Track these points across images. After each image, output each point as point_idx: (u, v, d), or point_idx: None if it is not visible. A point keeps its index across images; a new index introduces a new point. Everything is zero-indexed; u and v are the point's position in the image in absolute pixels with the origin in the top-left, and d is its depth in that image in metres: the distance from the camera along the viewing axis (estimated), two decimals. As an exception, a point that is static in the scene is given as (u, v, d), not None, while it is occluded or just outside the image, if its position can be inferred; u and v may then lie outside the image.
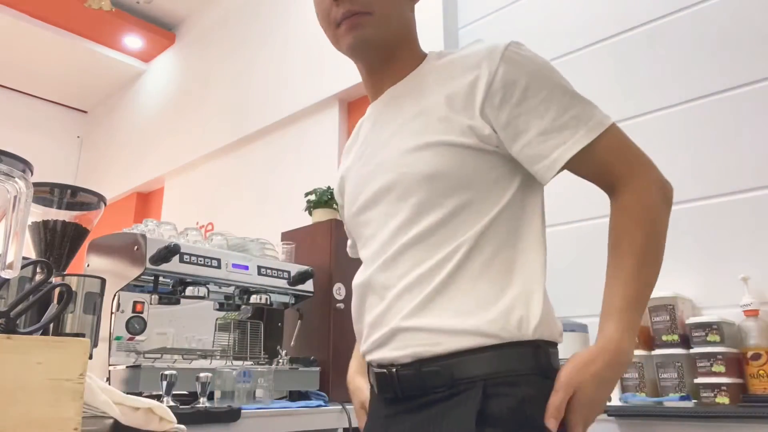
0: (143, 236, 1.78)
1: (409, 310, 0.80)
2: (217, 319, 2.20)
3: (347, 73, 3.29)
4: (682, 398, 1.57)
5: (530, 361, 0.77)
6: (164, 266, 1.78)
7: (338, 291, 2.36)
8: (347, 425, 1.90)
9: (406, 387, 0.80)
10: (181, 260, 1.83)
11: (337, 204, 2.79)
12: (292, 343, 2.27)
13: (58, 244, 0.93)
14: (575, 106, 0.81)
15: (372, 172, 0.90)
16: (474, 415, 0.72)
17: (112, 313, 1.78)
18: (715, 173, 1.84)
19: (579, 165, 0.81)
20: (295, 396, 2.12)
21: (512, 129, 0.81)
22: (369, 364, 0.89)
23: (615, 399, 1.69)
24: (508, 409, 0.74)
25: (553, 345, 0.82)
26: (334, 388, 2.13)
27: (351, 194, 0.96)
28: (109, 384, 1.53)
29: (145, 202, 5.12)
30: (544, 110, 0.80)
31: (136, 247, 1.77)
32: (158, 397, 1.48)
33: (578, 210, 2.09)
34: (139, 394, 1.08)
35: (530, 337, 0.77)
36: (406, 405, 0.81)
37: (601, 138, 0.80)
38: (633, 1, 2.18)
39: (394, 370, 0.81)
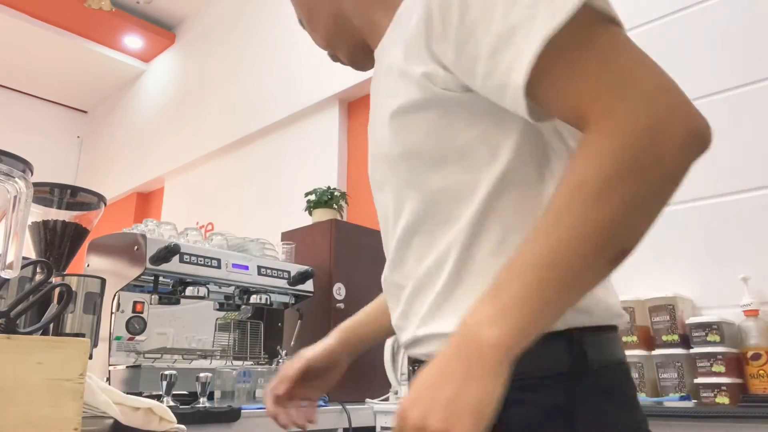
0: (143, 236, 1.78)
1: (422, 317, 0.68)
2: (217, 319, 2.20)
3: (347, 73, 3.29)
4: (682, 398, 1.57)
5: (556, 358, 0.59)
6: (164, 266, 1.78)
7: (338, 291, 2.36)
8: (347, 425, 1.90)
9: None
10: (181, 260, 1.83)
11: (337, 205, 2.81)
12: (292, 343, 2.27)
13: (58, 244, 0.93)
14: None
15: (370, 151, 0.79)
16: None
17: (112, 313, 1.79)
18: (715, 173, 1.84)
19: (542, 92, 0.53)
20: (295, 396, 2.12)
21: (465, 59, 0.57)
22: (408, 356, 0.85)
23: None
24: (528, 423, 0.57)
25: (596, 331, 0.61)
26: (333, 388, 2.13)
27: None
28: (109, 384, 1.53)
29: (145, 202, 5.12)
30: (489, 17, 0.54)
31: (136, 247, 1.77)
32: (158, 397, 1.48)
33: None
34: (139, 394, 1.08)
35: (558, 327, 0.58)
36: None
37: (567, 34, 0.50)
38: (633, 1, 2.18)
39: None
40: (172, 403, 1.49)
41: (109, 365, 1.71)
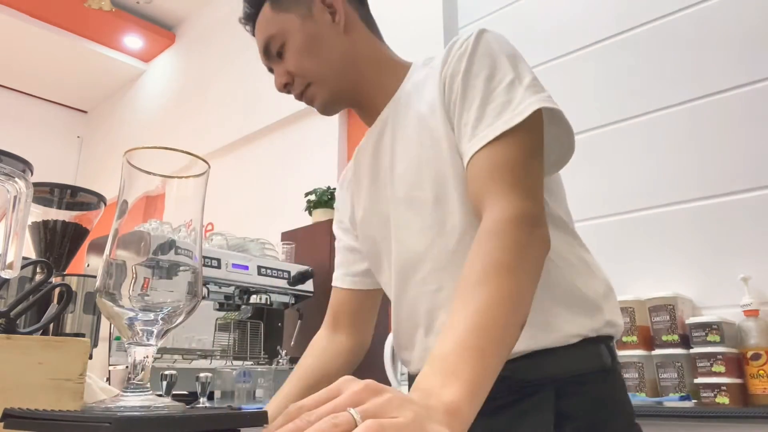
0: (148, 234, 1.78)
1: None
2: (217, 319, 2.20)
3: (347, 73, 3.29)
4: (682, 398, 1.57)
5: (597, 358, 0.76)
6: (164, 266, 1.78)
7: (338, 291, 2.36)
8: (347, 425, 1.90)
9: None
10: (181, 260, 1.83)
11: (334, 207, 2.80)
12: (292, 343, 2.27)
13: (58, 244, 0.92)
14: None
15: None
16: (552, 419, 0.72)
17: (112, 313, 1.78)
18: (715, 173, 1.84)
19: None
20: (295, 396, 2.12)
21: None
22: None
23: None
24: (583, 410, 0.73)
25: (612, 338, 0.80)
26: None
27: None
28: (109, 384, 1.53)
29: (146, 201, 5.12)
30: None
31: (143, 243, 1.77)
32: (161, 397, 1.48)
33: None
34: (139, 394, 1.07)
35: (596, 334, 0.76)
36: None
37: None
38: (633, 1, 2.18)
39: None
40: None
41: (109, 365, 1.71)
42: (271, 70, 0.95)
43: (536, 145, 0.71)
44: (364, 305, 1.02)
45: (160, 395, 1.59)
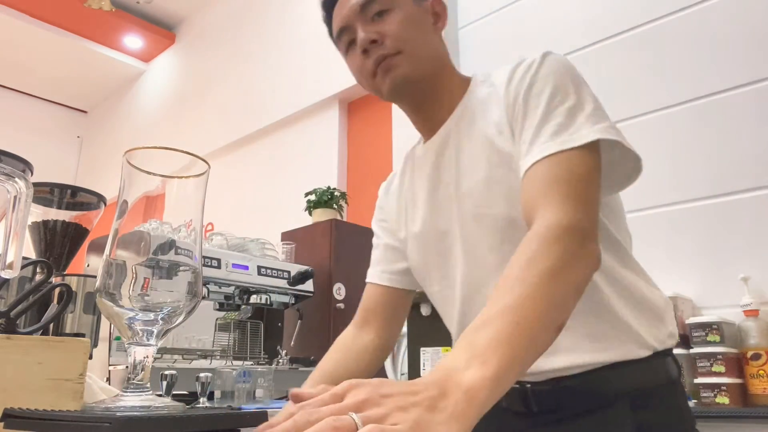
0: (148, 234, 1.78)
1: None
2: (217, 319, 2.20)
3: (347, 73, 3.28)
4: (682, 398, 1.57)
5: (665, 371, 0.80)
6: (164, 266, 1.78)
7: (338, 291, 2.36)
8: (347, 425, 1.90)
9: (542, 402, 0.80)
10: (181, 260, 1.83)
11: (337, 205, 2.81)
12: (292, 343, 2.27)
13: (58, 244, 0.92)
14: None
15: None
16: (633, 430, 0.74)
17: (112, 313, 1.78)
18: (715, 173, 1.84)
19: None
20: (295, 396, 2.12)
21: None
22: None
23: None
24: (658, 421, 0.76)
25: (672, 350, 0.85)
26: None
27: None
28: (109, 384, 1.53)
29: (145, 201, 5.12)
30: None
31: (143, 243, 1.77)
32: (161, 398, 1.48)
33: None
34: (139, 394, 1.07)
35: (663, 346, 0.80)
36: (541, 418, 0.81)
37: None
38: (633, 1, 2.18)
39: (528, 386, 0.81)
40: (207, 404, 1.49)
41: (109, 365, 1.70)
42: (338, 33, 0.91)
43: (594, 167, 0.71)
44: (398, 303, 1.03)
45: (160, 395, 1.59)
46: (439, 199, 0.90)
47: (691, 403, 1.56)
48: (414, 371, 1.80)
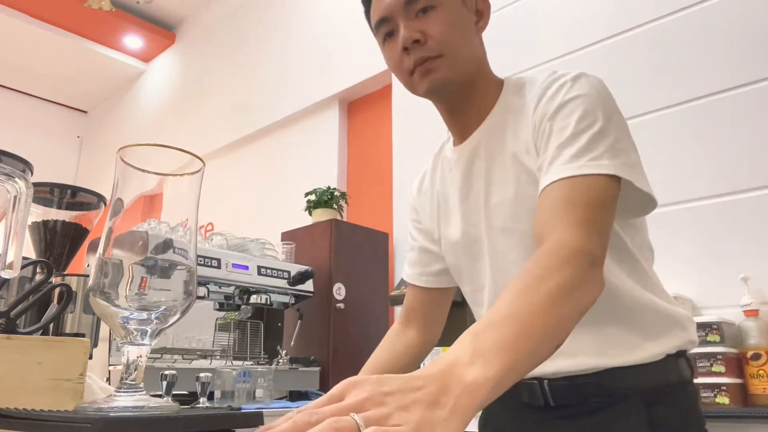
0: (146, 233, 1.78)
1: None
2: (217, 319, 2.20)
3: (347, 73, 3.29)
4: (682, 398, 1.57)
5: (677, 371, 0.82)
6: (164, 266, 1.78)
7: (338, 291, 2.36)
8: (347, 425, 1.90)
9: (559, 397, 0.84)
10: (181, 260, 1.83)
11: (336, 205, 2.81)
12: (292, 343, 2.27)
13: (58, 244, 0.92)
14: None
15: None
16: (644, 425, 0.78)
17: (112, 313, 1.78)
18: (715, 173, 1.84)
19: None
20: (295, 396, 2.12)
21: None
22: None
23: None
24: (669, 419, 0.79)
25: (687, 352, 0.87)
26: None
27: None
28: (109, 384, 1.53)
29: (145, 201, 5.12)
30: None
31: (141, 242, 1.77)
32: (158, 398, 1.48)
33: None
34: (139, 394, 1.07)
35: (677, 350, 0.83)
36: (558, 412, 0.84)
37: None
38: (633, 1, 2.18)
39: (546, 382, 0.84)
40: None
41: (109, 365, 1.70)
42: (378, 23, 0.89)
43: (611, 196, 0.73)
44: (438, 302, 1.07)
45: (159, 395, 1.59)
46: (469, 207, 0.93)
47: (691, 403, 1.56)
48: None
